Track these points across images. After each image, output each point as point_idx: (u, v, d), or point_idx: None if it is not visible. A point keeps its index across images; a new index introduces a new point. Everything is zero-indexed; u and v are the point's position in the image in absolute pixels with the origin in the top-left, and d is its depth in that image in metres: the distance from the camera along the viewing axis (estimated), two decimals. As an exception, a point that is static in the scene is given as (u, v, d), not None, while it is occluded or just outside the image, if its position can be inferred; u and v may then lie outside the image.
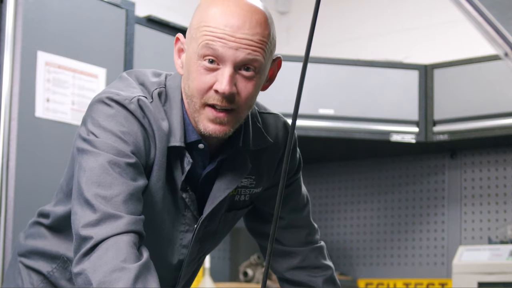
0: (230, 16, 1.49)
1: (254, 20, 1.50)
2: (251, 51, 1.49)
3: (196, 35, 1.51)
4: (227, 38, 1.48)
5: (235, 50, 1.48)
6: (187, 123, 1.59)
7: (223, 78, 1.49)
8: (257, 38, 1.50)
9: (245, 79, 1.51)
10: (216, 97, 1.50)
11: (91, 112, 1.54)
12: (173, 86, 1.60)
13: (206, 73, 1.50)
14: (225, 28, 1.48)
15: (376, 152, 4.14)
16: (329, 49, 4.41)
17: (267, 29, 1.52)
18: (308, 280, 1.86)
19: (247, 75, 1.51)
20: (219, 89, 1.49)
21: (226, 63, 1.49)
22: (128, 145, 1.49)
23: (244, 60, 1.49)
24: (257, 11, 1.52)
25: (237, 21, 1.49)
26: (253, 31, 1.49)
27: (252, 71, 1.51)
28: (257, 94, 1.57)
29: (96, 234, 1.39)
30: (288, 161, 1.25)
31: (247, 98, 1.53)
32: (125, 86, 1.58)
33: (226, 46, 1.48)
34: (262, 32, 1.51)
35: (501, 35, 1.19)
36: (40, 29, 2.82)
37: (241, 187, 1.69)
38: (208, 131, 1.53)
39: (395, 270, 4.15)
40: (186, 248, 1.67)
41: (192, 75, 1.52)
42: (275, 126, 1.75)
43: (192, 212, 1.63)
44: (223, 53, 1.48)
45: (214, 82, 1.50)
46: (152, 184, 1.55)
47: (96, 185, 1.44)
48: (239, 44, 1.48)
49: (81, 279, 1.38)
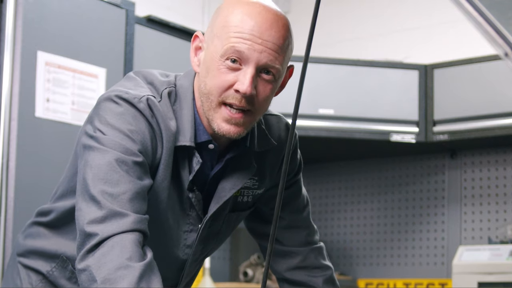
0: (259, 17, 1.50)
1: (281, 24, 1.52)
2: (273, 57, 1.51)
3: (221, 34, 1.52)
4: (254, 39, 1.49)
5: (259, 53, 1.49)
6: (197, 123, 1.59)
7: (245, 79, 1.50)
8: (281, 43, 1.52)
9: (264, 82, 1.53)
10: (235, 96, 1.51)
11: (99, 109, 1.53)
12: (184, 86, 1.61)
13: (227, 72, 1.51)
14: (253, 29, 1.49)
15: (376, 152, 4.14)
16: (329, 49, 4.41)
17: (290, 36, 1.55)
18: (308, 280, 1.87)
19: (267, 79, 1.53)
20: (241, 89, 1.50)
21: (249, 64, 1.50)
22: (136, 143, 1.49)
23: (266, 64, 1.51)
24: (282, 17, 1.54)
25: (264, 23, 1.50)
26: (279, 34, 1.51)
27: (271, 75, 1.53)
28: (272, 98, 1.59)
29: (101, 231, 1.39)
30: (288, 162, 1.25)
31: (264, 101, 1.55)
32: (134, 85, 1.58)
33: (252, 48, 1.49)
34: (286, 37, 1.53)
35: (501, 35, 1.19)
36: (40, 29, 2.82)
37: (244, 188, 1.70)
38: (222, 131, 1.54)
39: (395, 270, 4.15)
40: (190, 248, 1.68)
41: (212, 73, 1.52)
42: (278, 128, 1.75)
43: (197, 212, 1.64)
44: (248, 55, 1.49)
45: (234, 82, 1.51)
46: (157, 184, 1.55)
47: (103, 182, 1.43)
48: (264, 47, 1.50)
49: (85, 275, 1.38)
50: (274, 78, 1.54)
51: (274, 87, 1.56)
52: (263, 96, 1.54)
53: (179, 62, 3.39)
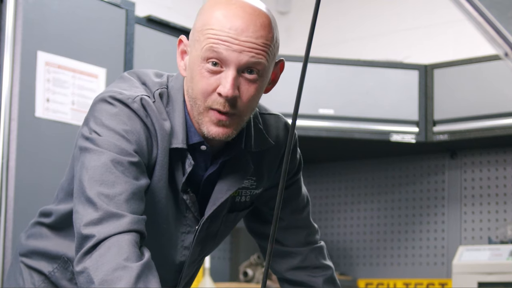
0: (234, 19, 1.49)
1: (258, 23, 1.50)
2: (254, 54, 1.49)
3: (200, 38, 1.51)
4: (231, 41, 1.48)
5: (238, 53, 1.48)
6: (189, 124, 1.59)
7: (226, 82, 1.49)
8: (261, 41, 1.50)
9: (248, 82, 1.52)
10: (219, 101, 1.50)
11: (94, 111, 1.53)
12: (175, 88, 1.60)
13: (209, 75, 1.51)
14: (229, 31, 1.48)
15: (376, 152, 4.14)
16: (329, 49, 4.41)
17: (271, 32, 1.52)
18: (308, 280, 1.86)
19: (250, 78, 1.52)
20: (222, 92, 1.49)
21: (230, 66, 1.49)
22: (131, 144, 1.49)
23: (247, 63, 1.50)
24: (261, 14, 1.52)
25: (241, 24, 1.49)
26: (257, 34, 1.50)
27: (255, 74, 1.52)
28: (260, 97, 1.57)
29: (98, 232, 1.39)
30: (288, 161, 1.25)
31: (249, 101, 1.53)
32: (128, 85, 1.58)
33: (230, 49, 1.48)
34: (266, 35, 1.51)
35: (501, 35, 1.19)
36: (40, 29, 2.82)
37: (242, 188, 1.69)
38: (211, 134, 1.53)
39: (395, 270, 4.15)
40: (187, 249, 1.67)
41: (196, 77, 1.52)
42: (276, 127, 1.75)
43: (193, 214, 1.63)
44: (226, 56, 1.48)
45: (217, 85, 1.50)
46: (154, 184, 1.55)
47: (99, 183, 1.43)
48: (243, 47, 1.48)
49: (83, 277, 1.37)
50: (258, 76, 1.52)
51: (260, 85, 1.54)
52: (247, 96, 1.52)
53: (179, 62, 3.39)
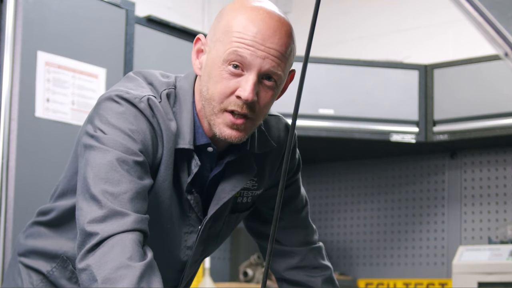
0: (262, 24, 1.50)
1: (284, 31, 1.52)
2: (276, 63, 1.51)
3: (223, 39, 1.51)
4: (257, 46, 1.49)
5: (262, 60, 1.49)
6: (197, 125, 1.59)
7: (247, 85, 1.49)
8: (284, 50, 1.51)
9: (266, 89, 1.53)
10: (237, 103, 1.51)
11: (99, 109, 1.53)
12: (184, 88, 1.60)
13: (229, 77, 1.51)
14: (256, 36, 1.49)
15: (376, 152, 4.14)
16: (329, 49, 4.41)
17: (293, 42, 1.55)
18: (307, 280, 1.87)
19: (268, 85, 1.53)
20: (242, 95, 1.49)
21: (252, 70, 1.50)
22: (137, 143, 1.49)
23: (268, 70, 1.51)
24: (285, 23, 1.54)
25: (267, 30, 1.50)
26: (282, 42, 1.51)
27: (273, 81, 1.53)
28: (272, 104, 1.59)
29: (102, 230, 1.39)
30: (288, 162, 1.25)
31: (265, 107, 1.55)
32: (134, 85, 1.58)
33: (254, 54, 1.49)
34: (289, 44, 1.53)
35: (501, 35, 1.19)
36: (40, 29, 2.82)
37: (244, 189, 1.70)
38: (224, 135, 1.54)
39: (395, 270, 4.15)
40: (190, 249, 1.68)
41: (215, 78, 1.52)
42: (277, 128, 1.75)
43: (196, 214, 1.64)
44: (250, 61, 1.49)
45: (236, 88, 1.51)
46: (158, 184, 1.55)
47: (103, 181, 1.43)
48: (267, 54, 1.49)
49: (86, 275, 1.37)
50: (275, 85, 1.54)
51: (275, 93, 1.56)
52: (264, 102, 1.54)
53: (179, 62, 3.39)
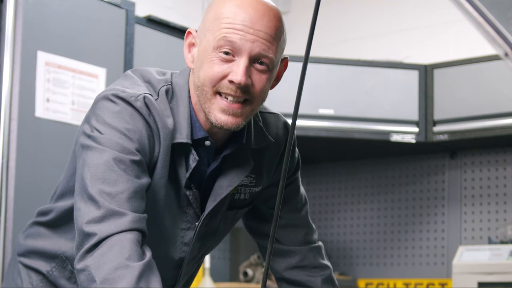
0: (250, 8, 1.52)
1: (272, 14, 1.54)
2: (266, 46, 1.51)
3: (212, 27, 1.53)
4: (246, 30, 1.50)
5: (251, 43, 1.50)
6: (194, 120, 1.59)
7: (238, 69, 1.50)
8: (274, 32, 1.53)
9: (259, 72, 1.54)
10: (230, 87, 1.52)
11: (96, 109, 1.53)
12: (180, 83, 1.61)
13: (220, 63, 1.52)
14: (244, 20, 1.50)
15: (376, 152, 4.14)
16: (329, 49, 4.41)
17: (282, 25, 1.56)
18: (307, 280, 1.87)
19: (260, 69, 1.54)
20: (235, 79, 1.50)
21: (242, 55, 1.51)
22: (133, 142, 1.49)
23: (259, 54, 1.51)
24: (273, 8, 1.56)
25: (255, 13, 1.51)
26: (270, 24, 1.52)
27: (265, 65, 1.54)
28: (268, 89, 1.59)
29: (100, 230, 1.39)
30: (288, 161, 1.25)
31: (261, 90, 1.55)
32: (131, 84, 1.58)
33: (244, 38, 1.50)
34: (278, 27, 1.54)
35: (501, 35, 1.19)
36: (40, 29, 2.82)
37: (241, 186, 1.70)
38: (220, 122, 1.54)
39: (395, 270, 4.15)
40: (187, 246, 1.68)
41: (205, 65, 1.53)
42: (276, 126, 1.75)
43: (194, 210, 1.64)
44: (240, 45, 1.50)
45: (228, 73, 1.52)
46: (155, 182, 1.55)
47: (101, 181, 1.43)
48: (256, 37, 1.50)
49: (84, 275, 1.37)
50: (268, 68, 1.54)
51: (269, 77, 1.56)
52: (260, 85, 1.54)
53: (179, 62, 3.38)
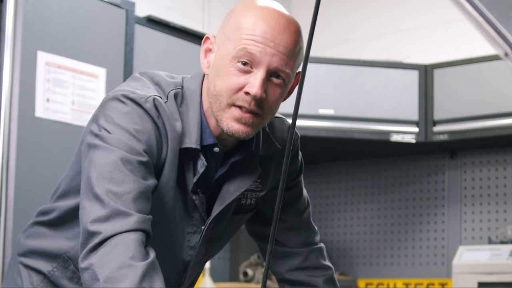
0: (272, 21, 1.51)
1: (293, 29, 1.53)
2: (284, 61, 1.52)
3: (233, 37, 1.52)
4: (266, 43, 1.50)
5: (271, 57, 1.50)
6: (204, 125, 1.59)
7: (256, 82, 1.50)
8: (293, 47, 1.53)
9: (274, 86, 1.54)
10: (245, 99, 1.52)
11: (104, 108, 1.53)
12: (191, 88, 1.61)
13: (238, 74, 1.52)
14: (265, 33, 1.50)
15: (376, 152, 4.14)
16: (329, 49, 4.41)
17: (301, 41, 1.56)
18: (309, 280, 1.87)
19: (276, 83, 1.54)
20: (251, 91, 1.50)
21: (260, 67, 1.51)
22: (141, 143, 1.49)
23: (277, 68, 1.52)
24: (294, 22, 1.56)
25: (277, 27, 1.51)
26: (291, 38, 1.52)
27: (281, 79, 1.54)
28: (280, 103, 1.59)
29: (104, 229, 1.39)
30: (288, 162, 1.25)
31: (273, 104, 1.56)
32: (140, 85, 1.58)
33: (264, 51, 1.50)
34: (298, 42, 1.54)
35: (501, 35, 1.19)
36: (40, 29, 2.82)
37: (247, 191, 1.70)
38: (232, 130, 1.54)
39: (395, 270, 4.15)
40: (193, 250, 1.68)
41: (223, 75, 1.53)
42: (281, 130, 1.76)
43: (200, 214, 1.64)
44: (259, 58, 1.50)
45: (244, 84, 1.52)
46: (162, 184, 1.55)
47: (107, 180, 1.43)
48: (276, 51, 1.51)
49: (88, 274, 1.37)
50: (283, 83, 1.55)
51: (283, 91, 1.56)
52: (273, 100, 1.55)
53: (179, 62, 3.39)
